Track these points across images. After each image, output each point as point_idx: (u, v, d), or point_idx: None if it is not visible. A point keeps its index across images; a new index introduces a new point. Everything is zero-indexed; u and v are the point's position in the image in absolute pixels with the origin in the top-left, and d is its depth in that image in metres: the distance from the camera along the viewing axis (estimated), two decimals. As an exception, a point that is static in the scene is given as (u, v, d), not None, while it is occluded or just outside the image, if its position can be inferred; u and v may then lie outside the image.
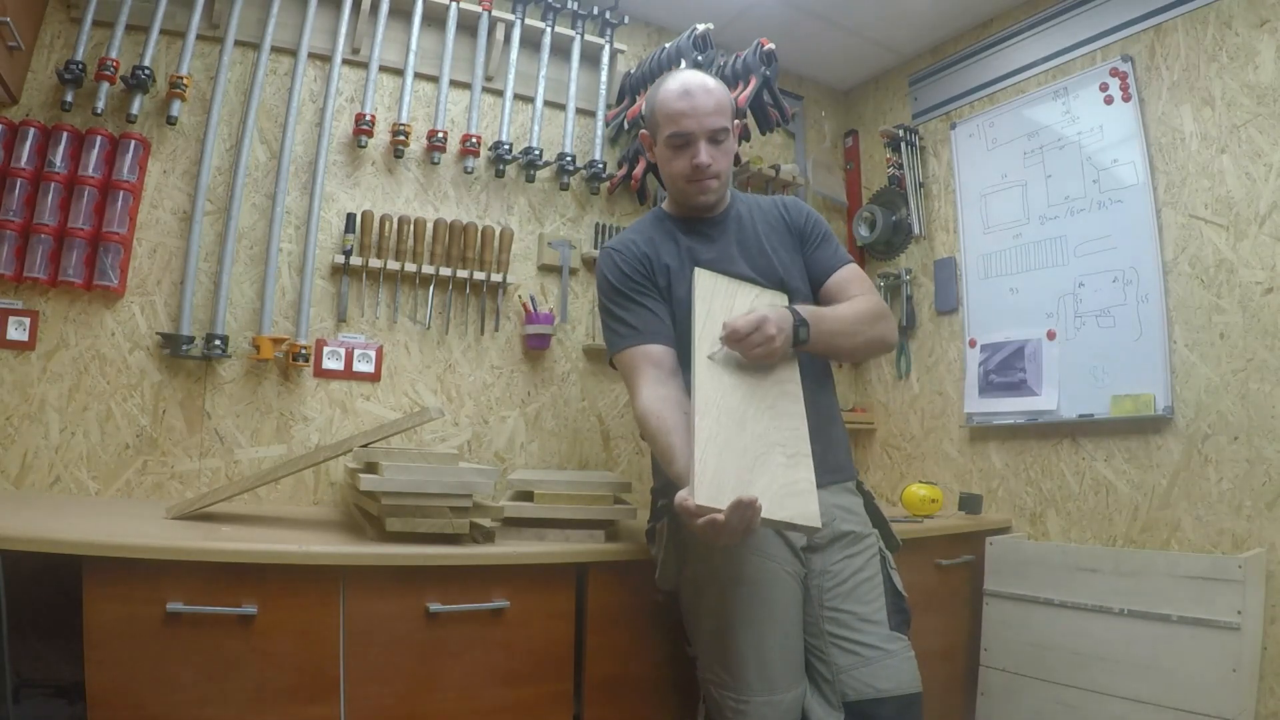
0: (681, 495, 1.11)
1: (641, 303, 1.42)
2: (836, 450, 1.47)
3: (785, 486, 1.14)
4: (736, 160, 2.05)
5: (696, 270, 1.39)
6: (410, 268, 2.01)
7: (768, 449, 1.18)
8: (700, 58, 2.06)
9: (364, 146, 2.02)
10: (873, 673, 1.32)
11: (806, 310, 1.36)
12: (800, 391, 1.30)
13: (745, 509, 1.05)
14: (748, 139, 2.06)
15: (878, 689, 1.31)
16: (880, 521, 1.49)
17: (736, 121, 1.53)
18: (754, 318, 1.26)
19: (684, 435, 1.21)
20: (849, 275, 1.50)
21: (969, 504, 2.25)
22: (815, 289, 1.51)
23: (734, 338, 1.25)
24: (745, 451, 1.15)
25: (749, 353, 1.27)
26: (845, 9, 2.44)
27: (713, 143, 1.42)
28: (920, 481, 2.25)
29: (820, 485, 1.25)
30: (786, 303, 1.40)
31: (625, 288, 1.44)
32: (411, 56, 2.08)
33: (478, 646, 1.40)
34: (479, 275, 2.08)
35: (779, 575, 1.34)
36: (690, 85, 1.42)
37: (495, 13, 2.17)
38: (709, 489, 1.07)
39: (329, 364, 1.95)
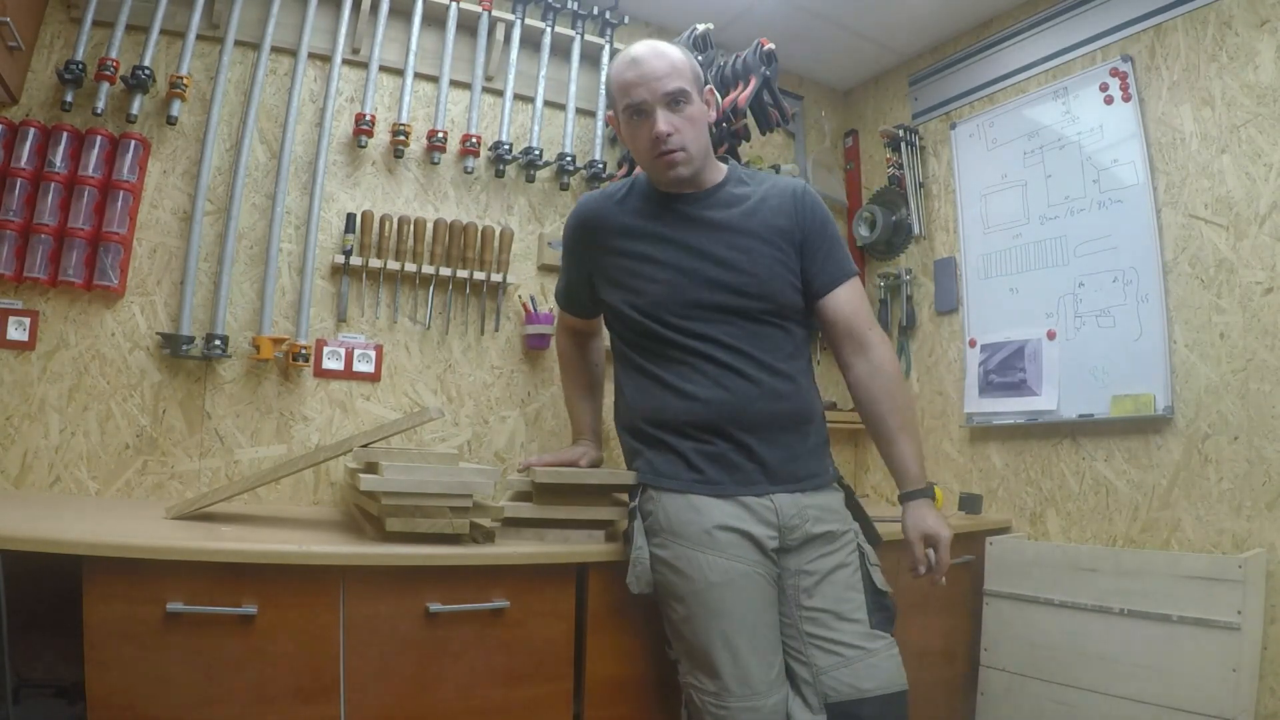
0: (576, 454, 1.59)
1: (569, 268, 1.59)
2: (807, 458, 1.41)
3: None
4: (735, 150, 2.02)
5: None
6: (410, 268, 2.01)
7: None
8: (700, 58, 2.06)
9: (364, 146, 2.02)
10: (854, 672, 1.28)
11: (918, 459, 1.42)
12: None
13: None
14: (748, 139, 2.06)
15: (860, 689, 1.27)
16: (860, 516, 1.45)
17: (709, 88, 1.42)
18: (943, 552, 1.38)
19: (581, 397, 1.73)
20: (853, 305, 1.43)
21: (969, 504, 2.25)
22: (811, 297, 1.43)
23: (940, 571, 1.39)
24: None
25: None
26: (845, 9, 2.44)
27: (671, 109, 1.31)
28: (920, 481, 2.25)
29: (793, 490, 1.37)
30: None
31: (568, 246, 1.57)
32: (411, 56, 2.08)
33: (478, 646, 1.40)
34: (479, 275, 2.08)
35: (749, 576, 1.31)
36: (639, 52, 1.33)
37: (495, 13, 2.17)
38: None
39: (329, 364, 1.95)
